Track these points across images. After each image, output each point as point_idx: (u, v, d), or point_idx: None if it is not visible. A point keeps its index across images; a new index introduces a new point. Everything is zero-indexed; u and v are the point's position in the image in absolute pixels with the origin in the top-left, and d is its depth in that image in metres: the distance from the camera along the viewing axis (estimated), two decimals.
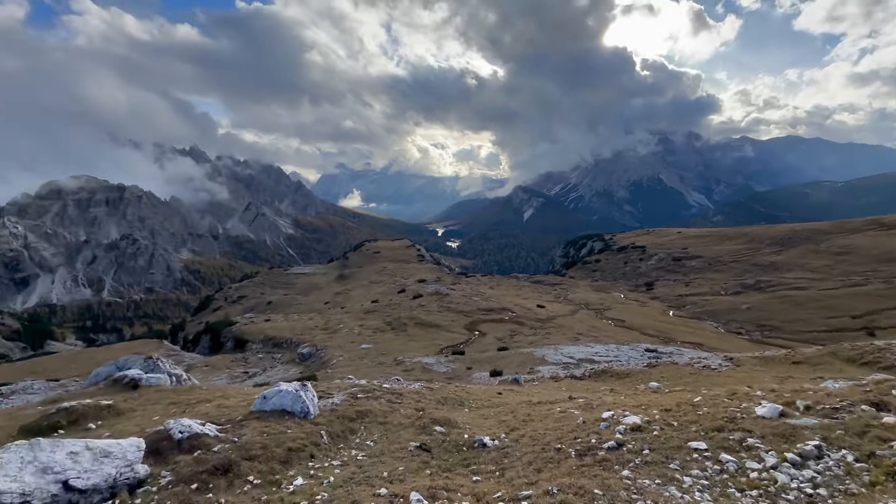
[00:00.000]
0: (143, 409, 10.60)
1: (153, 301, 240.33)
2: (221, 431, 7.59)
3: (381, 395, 11.48)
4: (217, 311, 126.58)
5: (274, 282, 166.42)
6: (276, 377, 43.90)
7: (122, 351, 77.57)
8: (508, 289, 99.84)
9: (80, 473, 5.40)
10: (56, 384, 47.24)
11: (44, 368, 65.70)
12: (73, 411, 9.66)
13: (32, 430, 9.42)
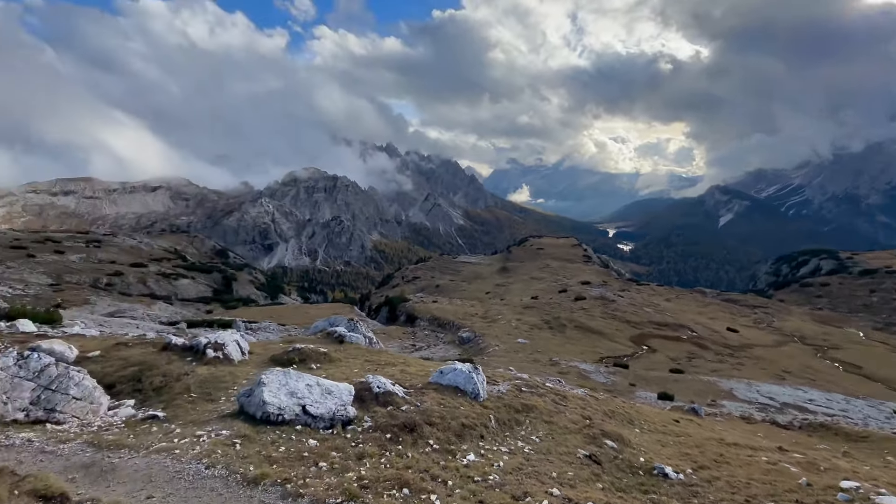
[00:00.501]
0: (346, 361, 12.91)
1: (349, 272, 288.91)
2: (406, 394, 8.67)
3: (545, 394, 11.40)
4: (395, 288, 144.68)
5: (443, 267, 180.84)
6: (437, 354, 47.89)
7: (326, 310, 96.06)
8: (689, 304, 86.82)
9: (312, 402, 6.90)
10: (283, 328, 61.44)
11: (276, 314, 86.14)
12: (303, 352, 12.40)
13: (278, 360, 12.48)
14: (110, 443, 5.57)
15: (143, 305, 78.25)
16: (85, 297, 74.68)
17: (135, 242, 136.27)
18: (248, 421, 6.51)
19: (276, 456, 5.44)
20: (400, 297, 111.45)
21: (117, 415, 7.90)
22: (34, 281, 79.65)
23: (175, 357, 11.34)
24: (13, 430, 5.92)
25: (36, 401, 6.42)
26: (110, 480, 4.64)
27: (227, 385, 9.82)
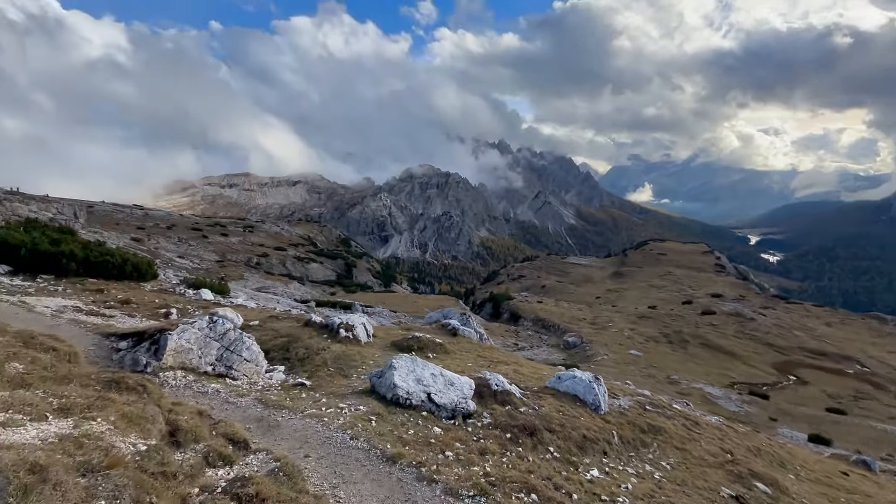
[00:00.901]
0: (460, 354, 13.27)
1: (456, 267, 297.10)
2: (523, 396, 8.55)
3: (673, 416, 10.32)
4: (500, 285, 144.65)
5: (550, 267, 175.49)
6: (540, 356, 46.64)
7: (433, 301, 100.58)
8: (860, 331, 71.11)
9: (437, 392, 7.20)
10: (394, 314, 65.75)
11: (388, 301, 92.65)
12: (421, 341, 13.08)
13: (399, 346, 13.37)
14: (273, 402, 6.51)
15: (282, 283, 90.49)
16: (240, 273, 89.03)
17: (278, 229, 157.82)
18: (380, 400, 7.05)
19: (407, 438, 5.80)
20: (504, 294, 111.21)
21: (273, 377, 9.23)
22: (206, 257, 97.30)
23: (314, 333, 12.85)
24: (205, 380, 7.28)
25: (220, 358, 7.81)
26: (276, 436, 5.41)
27: (357, 364, 10.81)
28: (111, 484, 2.64)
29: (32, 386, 4.16)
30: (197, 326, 7.68)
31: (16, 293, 11.87)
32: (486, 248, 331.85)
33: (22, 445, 2.74)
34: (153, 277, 18.17)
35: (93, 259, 15.33)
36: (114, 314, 12.28)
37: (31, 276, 14.50)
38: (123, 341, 7.55)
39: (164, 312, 13.58)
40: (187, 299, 16.13)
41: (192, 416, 4.87)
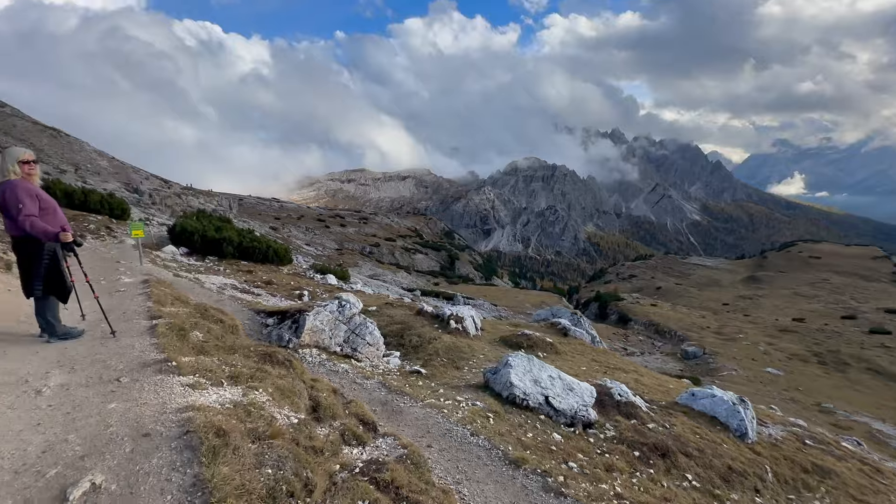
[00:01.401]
0: (572, 356, 12.59)
1: (559, 263, 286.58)
2: (650, 410, 7.71)
3: (843, 457, 8.46)
4: (607, 284, 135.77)
5: (666, 268, 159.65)
6: (652, 364, 42.60)
7: (534, 297, 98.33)
8: None
9: (555, 395, 6.83)
10: (495, 307, 65.65)
11: (489, 294, 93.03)
12: (531, 339, 12.70)
13: (507, 342, 13.20)
14: (395, 388, 6.78)
15: (390, 272, 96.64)
16: (355, 260, 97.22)
17: (388, 221, 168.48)
18: (496, 398, 6.92)
19: (527, 442, 5.57)
20: (613, 294, 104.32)
21: (390, 362, 9.72)
22: (328, 245, 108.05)
23: (426, 322, 13.29)
24: (335, 360, 7.90)
25: (346, 340, 8.44)
26: (399, 421, 5.59)
27: (467, 356, 10.89)
28: (275, 454, 2.85)
29: (209, 353, 4.82)
30: (328, 310, 8.39)
31: (192, 271, 14.34)
32: (593, 245, 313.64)
33: (207, 408, 3.10)
34: (289, 262, 20.59)
35: (245, 245, 17.86)
36: (260, 293, 14.14)
37: (202, 257, 17.45)
38: (270, 318, 8.60)
39: (297, 293, 15.24)
40: (316, 283, 17.94)
41: (329, 394, 5.24)
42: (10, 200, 4.12)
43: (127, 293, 7.14)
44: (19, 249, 4.34)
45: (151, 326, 4.87)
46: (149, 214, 32.62)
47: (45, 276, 4.36)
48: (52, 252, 4.43)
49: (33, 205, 4.21)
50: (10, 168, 4.22)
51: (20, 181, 4.25)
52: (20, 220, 4.12)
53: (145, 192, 48.38)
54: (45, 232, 4.23)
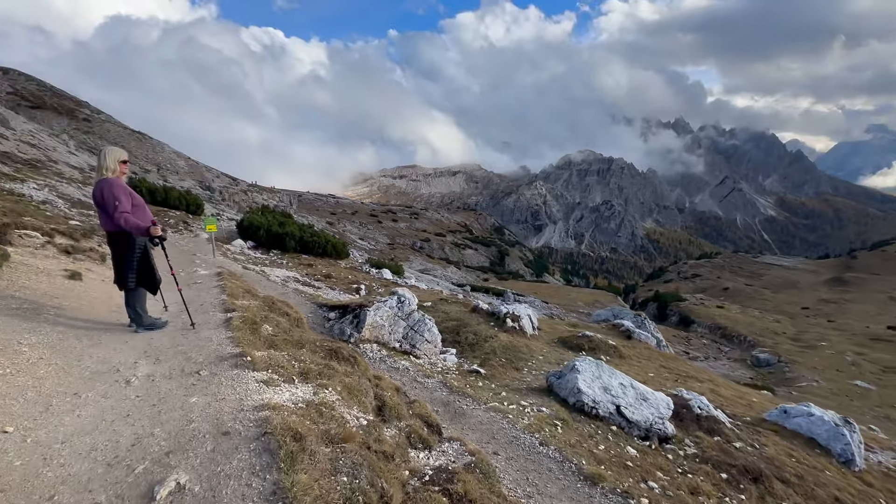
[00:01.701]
0: (638, 361, 11.82)
1: (614, 260, 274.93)
2: (735, 427, 6.98)
3: None
4: (667, 283, 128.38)
5: (735, 267, 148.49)
6: (718, 370, 39.63)
7: (587, 295, 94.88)
8: None
9: (627, 405, 6.34)
10: (546, 305, 64.04)
11: (540, 292, 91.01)
12: (592, 341, 12.08)
13: (567, 343, 12.67)
14: (456, 388, 6.62)
15: (440, 267, 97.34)
16: (406, 255, 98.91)
17: (439, 216, 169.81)
18: (561, 404, 6.56)
19: (600, 455, 5.17)
20: (674, 294, 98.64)
21: (447, 359, 9.59)
22: (380, 239, 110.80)
23: (481, 320, 13.06)
24: (395, 356, 7.88)
25: (405, 336, 8.40)
26: (463, 424, 5.40)
27: (525, 357, 10.53)
28: (350, 460, 2.73)
29: (279, 347, 4.87)
30: (388, 305, 8.39)
31: (258, 264, 15.08)
32: (652, 242, 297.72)
33: (282, 407, 3.05)
34: (346, 256, 21.15)
35: (306, 239, 18.54)
36: (320, 286, 14.57)
37: (266, 250, 18.35)
38: (332, 312, 8.76)
39: (355, 287, 15.56)
40: (372, 277, 18.29)
41: (393, 393, 5.14)
42: (108, 197, 4.30)
43: (203, 285, 7.52)
44: (114, 243, 4.54)
45: (226, 319, 5.02)
46: (219, 210, 34.97)
47: (137, 268, 4.59)
48: (142, 246, 4.63)
49: (128, 202, 4.39)
50: (111, 166, 4.44)
51: (116, 179, 4.46)
52: (116, 217, 4.29)
53: (216, 189, 51.99)
54: (137, 227, 4.40)
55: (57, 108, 52.60)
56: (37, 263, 5.88)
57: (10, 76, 57.14)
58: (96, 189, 4.37)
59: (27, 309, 4.40)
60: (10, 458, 2.31)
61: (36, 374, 3.26)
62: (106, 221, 4.43)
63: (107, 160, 4.43)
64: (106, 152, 4.45)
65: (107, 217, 4.39)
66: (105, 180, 4.38)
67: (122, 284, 4.56)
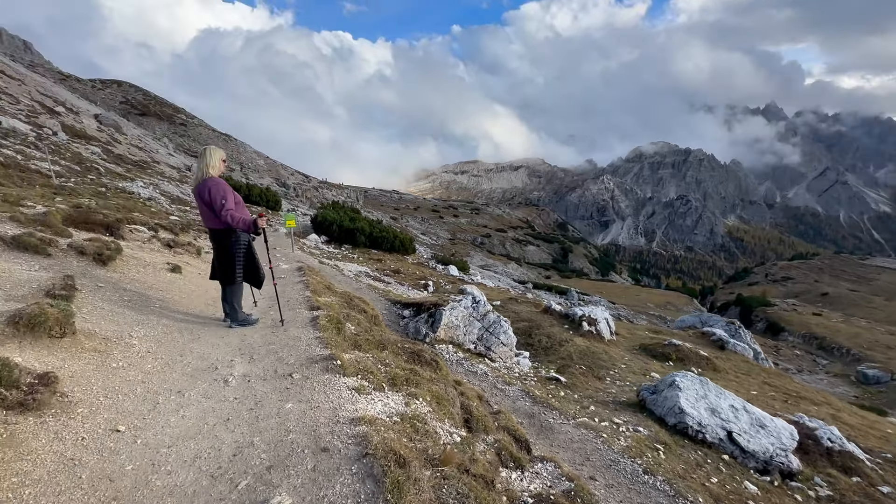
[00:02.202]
0: (735, 376, 10.55)
1: (690, 259, 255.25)
2: (876, 466, 5.84)
3: None
4: (752, 286, 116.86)
5: (837, 270, 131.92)
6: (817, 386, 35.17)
7: (659, 297, 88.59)
8: None
9: (740, 431, 5.52)
10: (613, 306, 60.61)
11: (606, 291, 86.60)
12: (680, 350, 10.97)
13: (650, 351, 11.65)
14: (539, 398, 6.18)
15: (501, 263, 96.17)
16: (467, 250, 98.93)
17: (500, 212, 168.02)
18: (658, 423, 5.88)
19: (714, 489, 4.49)
20: (760, 298, 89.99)
21: (520, 362, 9.14)
22: (441, 235, 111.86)
23: (554, 322, 12.41)
24: (472, 359, 7.60)
25: (480, 338, 8.08)
26: (552, 440, 4.96)
27: (606, 365, 9.78)
28: (453, 489, 2.44)
29: (363, 348, 4.74)
30: (462, 305, 8.12)
31: (332, 258, 15.58)
32: (735, 240, 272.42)
33: (377, 421, 2.84)
34: (413, 252, 21.33)
35: (375, 235, 18.91)
36: (390, 281, 14.72)
37: (338, 245, 18.99)
38: (406, 309, 8.68)
39: (423, 284, 15.54)
40: (439, 273, 18.24)
41: (478, 403, 4.83)
42: (215, 195, 4.34)
43: (287, 280, 7.72)
44: (218, 240, 4.57)
45: (313, 318, 5.00)
46: (293, 205, 37.08)
47: (243, 263, 4.62)
48: (247, 242, 4.67)
49: (232, 199, 4.44)
50: (216, 164, 4.51)
51: (218, 178, 4.57)
52: (223, 214, 4.32)
53: (291, 185, 55.30)
54: (244, 222, 4.42)
55: (159, 115, 58.83)
56: (144, 257, 6.31)
57: (123, 88, 64.89)
58: (202, 187, 4.40)
59: (137, 301, 4.65)
60: (122, 461, 2.28)
61: (144, 368, 3.33)
62: (211, 219, 4.49)
63: (213, 158, 4.49)
64: (210, 151, 4.54)
65: (212, 214, 4.44)
66: (211, 179, 4.43)
67: (229, 279, 4.61)
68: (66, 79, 58.39)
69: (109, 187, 14.15)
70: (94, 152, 23.88)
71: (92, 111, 39.87)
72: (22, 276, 4.06)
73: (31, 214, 5.94)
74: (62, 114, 31.29)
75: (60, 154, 17.85)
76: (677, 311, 67.90)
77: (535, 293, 40.36)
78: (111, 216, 7.36)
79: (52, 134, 23.66)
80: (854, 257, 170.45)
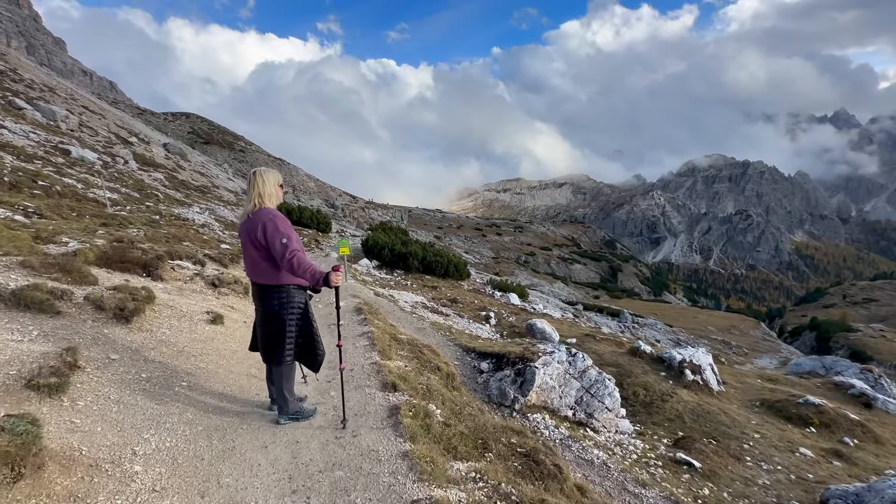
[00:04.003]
0: None
1: (753, 278, 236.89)
2: None
3: None
4: (828, 309, 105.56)
5: None
6: None
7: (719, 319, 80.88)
8: None
9: None
10: (670, 329, 55.63)
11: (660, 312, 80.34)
12: (823, 412, 8.62)
13: (774, 407, 9.34)
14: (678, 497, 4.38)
15: (547, 282, 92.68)
16: (511, 269, 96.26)
17: (544, 230, 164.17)
18: None
19: None
20: (839, 322, 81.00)
21: (618, 427, 7.30)
22: (485, 253, 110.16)
23: (647, 368, 10.39)
24: (571, 429, 5.91)
25: (579, 401, 6.38)
26: None
27: (733, 433, 7.70)
28: None
29: (460, 455, 3.24)
30: (557, 360, 6.47)
31: (385, 286, 14.39)
32: (805, 258, 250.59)
33: None
34: (467, 277, 19.85)
35: (428, 259, 17.65)
36: (448, 313, 13.27)
37: (390, 270, 17.88)
38: (483, 361, 7.15)
39: (483, 315, 13.97)
40: (499, 303, 16.60)
41: None
42: (273, 235, 3.01)
43: (346, 326, 6.42)
44: (266, 300, 3.19)
45: (391, 409, 3.58)
46: (342, 226, 36.93)
47: (296, 335, 3.25)
48: (302, 305, 3.28)
49: (297, 239, 3.11)
50: (272, 192, 3.22)
51: (276, 210, 3.24)
52: (287, 259, 2.98)
53: (339, 206, 56.01)
54: (313, 272, 3.00)
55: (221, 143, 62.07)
56: (180, 304, 5.22)
57: (191, 119, 69.45)
58: (257, 224, 3.08)
59: (158, 380, 3.44)
60: None
61: None
62: (261, 268, 3.14)
63: (267, 184, 3.19)
64: (264, 174, 3.22)
65: (264, 261, 3.10)
66: (267, 211, 3.13)
67: (276, 359, 3.26)
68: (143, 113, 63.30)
69: (164, 214, 13.82)
70: (157, 179, 24.58)
71: (162, 141, 42.25)
72: (5, 353, 2.94)
73: (54, 255, 5.05)
74: (134, 143, 33.10)
75: (122, 181, 18.12)
76: (742, 336, 61.83)
77: (587, 315, 37.49)
78: (152, 252, 6.45)
79: (123, 162, 24.62)
80: None
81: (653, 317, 64.03)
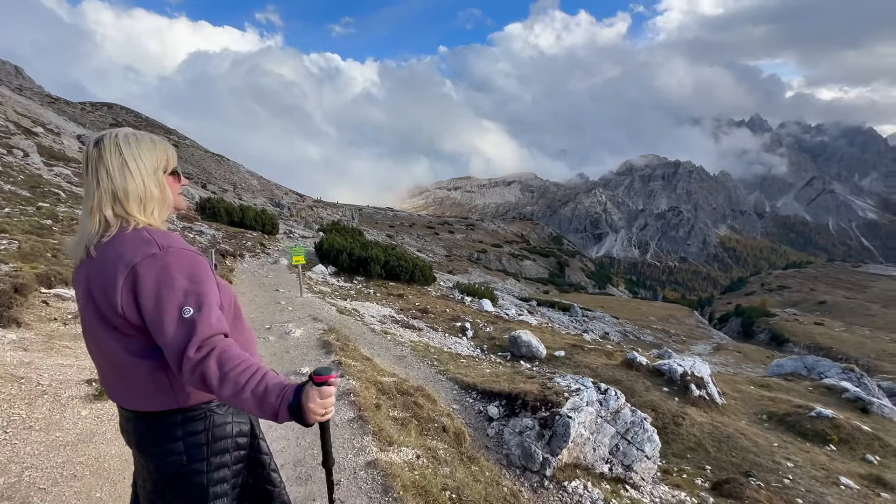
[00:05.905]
0: None
1: (684, 270, 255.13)
2: None
3: None
4: (749, 296, 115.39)
5: (831, 278, 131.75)
6: None
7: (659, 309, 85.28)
8: None
9: None
10: (616, 321, 57.43)
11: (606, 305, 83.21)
12: (839, 426, 8.04)
13: (782, 420, 8.71)
14: None
15: (499, 279, 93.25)
16: (464, 267, 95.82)
17: (495, 227, 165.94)
18: None
19: None
20: (760, 308, 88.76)
21: (654, 475, 6.13)
22: (437, 251, 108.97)
23: (649, 383, 9.44)
24: (608, 488, 4.59)
25: (614, 451, 5.10)
26: None
27: (758, 458, 6.82)
28: None
29: None
30: (587, 400, 5.14)
31: (346, 298, 12.51)
32: (728, 250, 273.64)
33: None
34: (433, 281, 18.33)
35: (392, 264, 15.92)
36: (421, 326, 11.68)
37: (349, 277, 15.94)
38: (490, 404, 5.67)
39: (459, 326, 12.52)
40: (472, 310, 15.22)
41: None
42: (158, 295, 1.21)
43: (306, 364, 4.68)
44: (155, 440, 1.35)
45: None
46: (289, 226, 33.91)
47: (239, 494, 1.44)
48: (245, 439, 1.45)
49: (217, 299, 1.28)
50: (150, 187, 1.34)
51: (168, 234, 1.33)
52: (189, 360, 1.14)
53: (285, 205, 52.20)
54: (259, 393, 1.14)
55: None
56: (44, 369, 3.27)
57: (114, 110, 61.87)
58: (112, 271, 1.23)
59: None
60: None
61: None
62: (137, 378, 1.31)
63: (133, 171, 1.31)
64: (123, 144, 1.35)
65: (147, 361, 1.28)
66: (141, 237, 1.29)
67: None
68: (55, 101, 55.33)
69: (63, 218, 11.04)
70: (62, 175, 20.72)
71: (77, 132, 36.71)
72: None
73: None
74: (40, 135, 28.17)
75: (11, 176, 14.72)
76: (679, 324, 65.44)
77: (541, 311, 37.27)
78: (13, 278, 4.32)
79: (23, 155, 20.54)
80: (847, 265, 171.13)
81: (600, 310, 65.92)
